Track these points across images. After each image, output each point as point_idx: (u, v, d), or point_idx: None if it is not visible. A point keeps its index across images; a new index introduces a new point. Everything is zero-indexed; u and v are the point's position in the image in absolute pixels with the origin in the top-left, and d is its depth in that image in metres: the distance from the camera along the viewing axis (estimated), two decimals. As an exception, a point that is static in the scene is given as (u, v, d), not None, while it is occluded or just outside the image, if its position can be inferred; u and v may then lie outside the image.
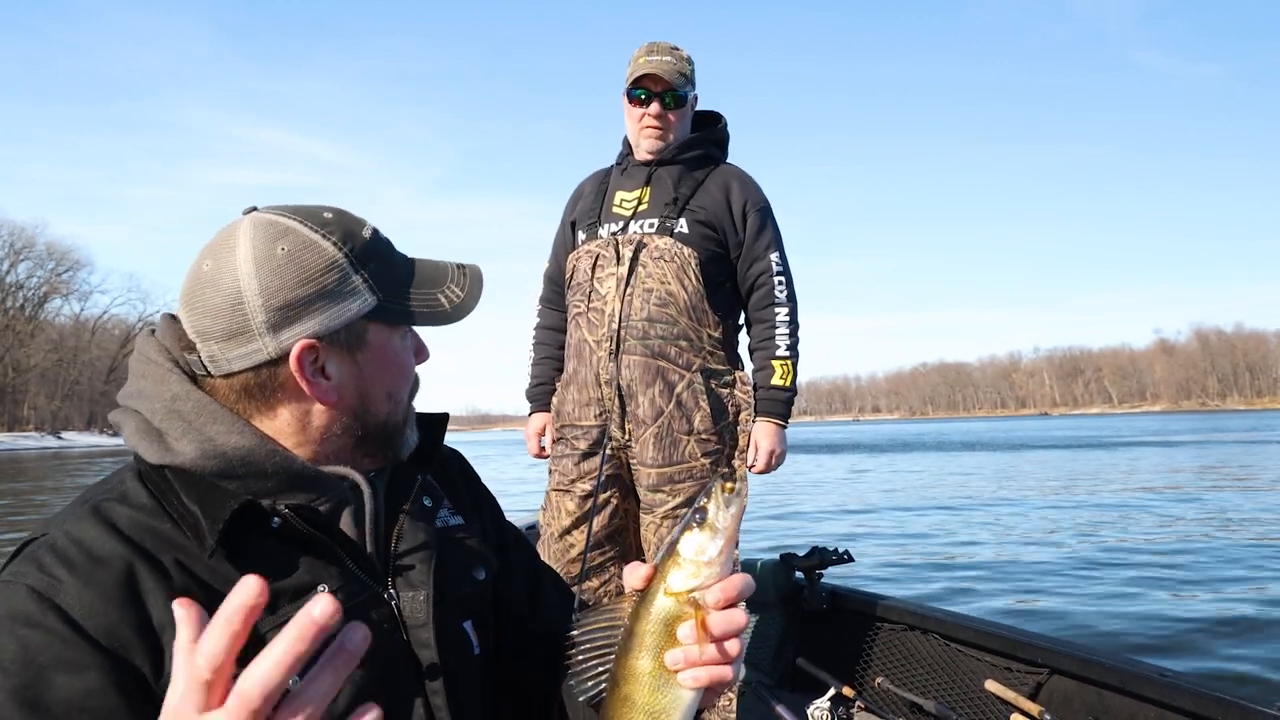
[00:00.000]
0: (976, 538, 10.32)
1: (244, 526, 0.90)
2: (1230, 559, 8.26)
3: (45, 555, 0.84)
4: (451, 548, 1.09)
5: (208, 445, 0.92)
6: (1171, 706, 2.13)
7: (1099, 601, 6.65)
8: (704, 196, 2.65)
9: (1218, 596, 6.72)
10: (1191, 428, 54.70)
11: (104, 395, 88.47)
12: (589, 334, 2.64)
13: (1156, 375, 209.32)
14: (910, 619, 2.99)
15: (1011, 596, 6.95)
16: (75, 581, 0.82)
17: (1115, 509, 12.64)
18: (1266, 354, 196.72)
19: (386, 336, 1.02)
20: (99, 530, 0.87)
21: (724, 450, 2.62)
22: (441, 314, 1.03)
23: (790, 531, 10.87)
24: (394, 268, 1.02)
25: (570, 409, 2.68)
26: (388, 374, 1.03)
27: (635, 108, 2.68)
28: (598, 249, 2.66)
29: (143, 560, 0.85)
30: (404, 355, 1.05)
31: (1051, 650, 2.51)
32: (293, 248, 0.94)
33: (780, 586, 3.38)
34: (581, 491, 2.63)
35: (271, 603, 0.81)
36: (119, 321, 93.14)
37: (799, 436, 60.07)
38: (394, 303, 1.00)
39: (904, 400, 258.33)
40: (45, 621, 0.79)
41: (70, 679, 0.78)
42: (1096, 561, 8.33)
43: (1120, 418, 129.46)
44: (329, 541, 0.95)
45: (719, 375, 2.64)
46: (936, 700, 2.77)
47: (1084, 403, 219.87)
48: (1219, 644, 5.37)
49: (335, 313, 0.95)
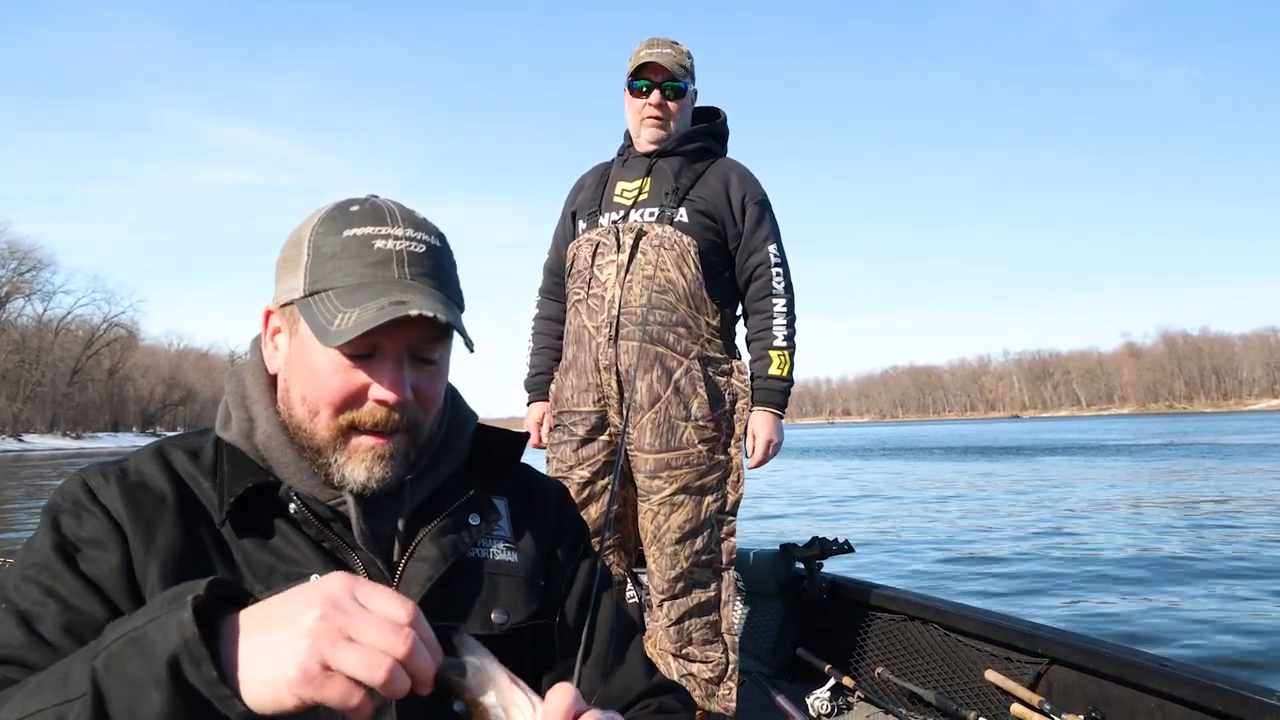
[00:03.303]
0: (981, 530, 10.43)
1: (260, 505, 0.98)
2: (1230, 555, 8.40)
3: (113, 468, 0.99)
4: (474, 581, 1.04)
5: (247, 425, 1.02)
6: (1172, 696, 2.14)
7: (1102, 594, 6.73)
8: (704, 187, 2.67)
9: (1220, 589, 6.82)
10: (1198, 428, 55.57)
11: (67, 397, 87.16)
12: (588, 320, 2.63)
13: (1124, 378, 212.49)
14: (910, 609, 3.00)
15: (1012, 585, 7.02)
16: (119, 490, 0.96)
17: (1115, 508, 12.82)
18: (1232, 357, 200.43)
19: (310, 335, 0.96)
20: (156, 466, 1.00)
21: (720, 437, 2.62)
22: (323, 331, 0.93)
23: (790, 522, 10.93)
24: (344, 265, 0.96)
25: (569, 395, 2.67)
26: (302, 373, 0.98)
27: (636, 98, 2.71)
28: (598, 237, 2.67)
29: (178, 502, 0.97)
30: (319, 362, 0.96)
31: (1051, 640, 2.52)
32: (305, 218, 1.02)
33: (780, 576, 3.38)
34: (579, 478, 2.61)
35: (267, 576, 0.96)
36: (83, 322, 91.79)
37: (803, 438, 60.35)
38: (312, 302, 0.95)
39: (874, 403, 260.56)
40: (89, 507, 0.94)
41: (95, 553, 0.92)
42: (1109, 559, 8.44)
43: (1090, 420, 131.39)
44: (337, 538, 0.98)
45: (716, 363, 2.64)
46: (936, 690, 2.78)
47: (1053, 405, 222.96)
48: (1218, 634, 5.45)
49: (284, 287, 1.00)
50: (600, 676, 1.10)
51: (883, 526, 11.08)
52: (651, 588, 2.64)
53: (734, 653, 2.63)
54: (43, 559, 0.90)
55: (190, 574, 0.90)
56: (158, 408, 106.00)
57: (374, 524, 1.01)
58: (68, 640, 0.85)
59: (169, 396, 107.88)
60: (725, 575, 2.61)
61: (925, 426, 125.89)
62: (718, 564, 2.60)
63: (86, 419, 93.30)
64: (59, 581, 0.89)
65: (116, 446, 75.88)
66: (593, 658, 1.11)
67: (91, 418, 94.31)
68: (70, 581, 0.89)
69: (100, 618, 0.87)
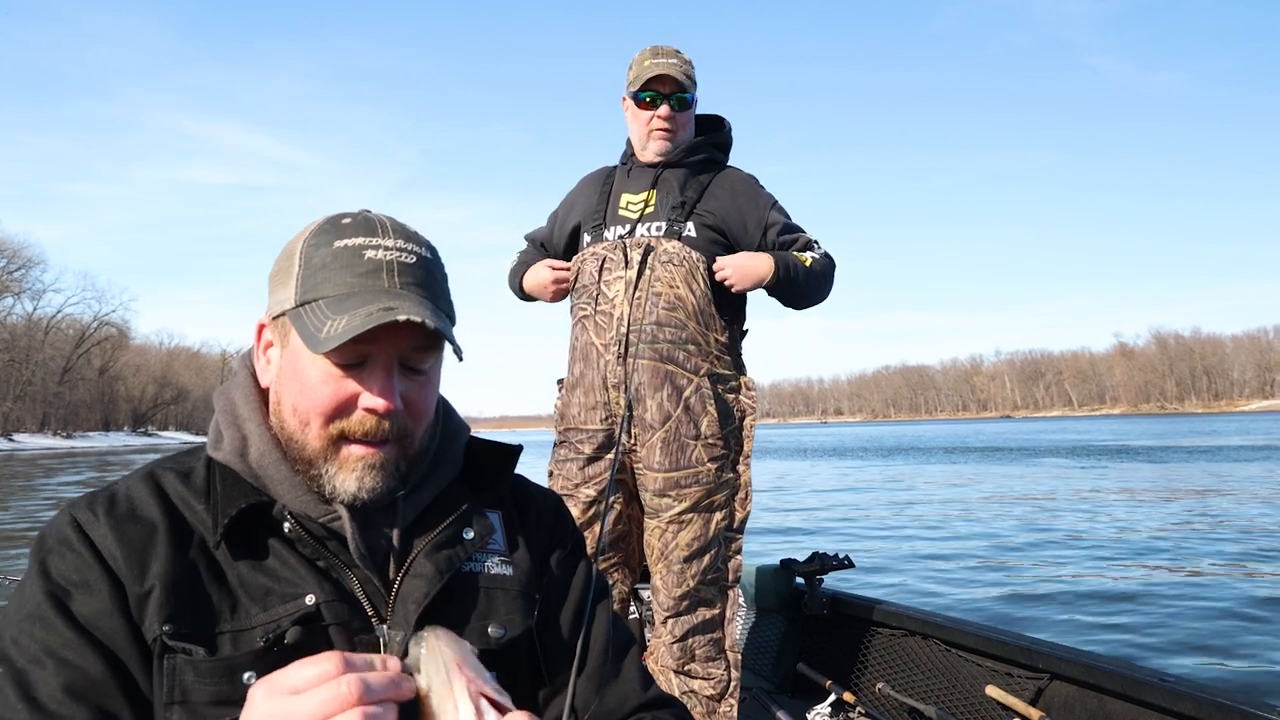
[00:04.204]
0: (980, 542, 10.41)
1: (255, 525, 0.98)
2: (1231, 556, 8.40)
3: (102, 498, 0.98)
4: (470, 596, 1.04)
5: (240, 444, 1.01)
6: (1173, 712, 2.14)
7: (1104, 606, 6.73)
8: (710, 200, 2.66)
9: (1219, 600, 6.83)
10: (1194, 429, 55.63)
11: (57, 397, 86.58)
12: (596, 337, 2.61)
13: (1116, 379, 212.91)
14: (911, 624, 3.00)
15: (1013, 601, 7.00)
16: (108, 525, 0.95)
17: (1114, 515, 12.83)
18: (1223, 358, 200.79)
19: (300, 345, 0.97)
20: (147, 491, 0.99)
21: (729, 455, 2.60)
22: (313, 338, 0.94)
23: (789, 537, 10.91)
24: (335, 275, 0.96)
25: (576, 412, 2.65)
26: (293, 384, 0.99)
27: (643, 110, 2.67)
28: (604, 252, 2.64)
29: (170, 529, 0.96)
30: (309, 372, 0.97)
31: (1052, 655, 2.52)
32: (298, 231, 1.03)
33: (781, 592, 3.38)
34: (586, 497, 2.60)
35: (264, 598, 0.96)
36: (73, 321, 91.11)
37: (801, 437, 60.02)
38: (303, 312, 0.96)
39: (867, 403, 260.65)
40: (76, 547, 0.93)
41: (86, 598, 0.91)
42: (1108, 563, 8.43)
43: (1082, 420, 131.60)
44: (333, 556, 0.98)
45: (725, 380, 2.63)
46: (937, 706, 2.78)
47: (1045, 405, 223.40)
48: (1222, 647, 5.46)
49: (277, 299, 1.00)
50: (594, 689, 1.09)
51: (882, 540, 11.07)
52: (655, 604, 2.63)
53: (736, 670, 2.62)
54: (35, 608, 0.90)
55: (186, 601, 0.93)
56: (149, 407, 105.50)
57: (369, 539, 1.01)
58: (69, 704, 0.87)
59: (160, 396, 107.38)
60: (730, 592, 2.61)
61: (918, 426, 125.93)
62: (724, 581, 2.59)
63: (77, 418, 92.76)
64: (52, 633, 0.89)
65: (108, 446, 75.57)
66: (588, 670, 1.09)
67: (82, 417, 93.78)
68: (64, 632, 0.89)
69: (96, 672, 0.88)
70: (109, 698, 0.88)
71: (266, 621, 0.93)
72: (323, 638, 0.95)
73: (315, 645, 0.93)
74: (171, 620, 0.91)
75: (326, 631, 0.95)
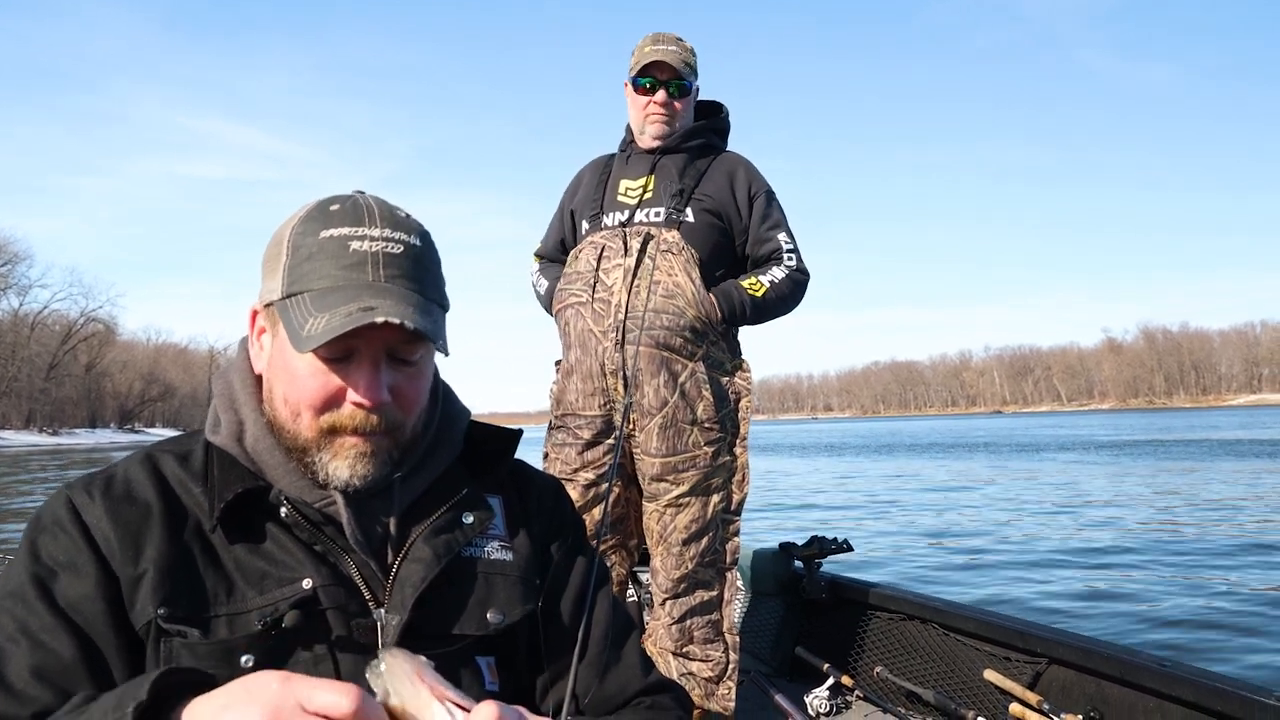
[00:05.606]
0: (981, 528, 10.46)
1: (251, 510, 0.97)
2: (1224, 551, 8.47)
3: (99, 479, 0.98)
4: (469, 581, 1.03)
5: (237, 428, 1.02)
6: (1170, 696, 2.14)
7: (1097, 591, 6.77)
8: (708, 184, 2.66)
9: (1217, 589, 6.87)
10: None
11: (43, 393, 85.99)
12: (594, 324, 2.61)
13: (1105, 374, 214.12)
14: (909, 608, 3.01)
15: (1014, 585, 7.03)
16: (103, 507, 0.95)
17: (1106, 504, 12.91)
18: (1211, 352, 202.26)
19: (287, 338, 0.96)
20: (144, 473, 0.99)
21: (726, 438, 2.61)
22: (296, 336, 0.93)
23: (789, 520, 10.94)
24: (320, 266, 0.95)
25: (573, 398, 2.65)
26: (283, 375, 0.98)
27: (641, 96, 2.69)
28: (603, 240, 2.65)
29: (165, 511, 0.96)
30: (296, 364, 0.96)
31: (1050, 640, 2.52)
32: (289, 216, 1.02)
33: (779, 575, 3.38)
34: (584, 481, 2.60)
35: (260, 582, 0.95)
36: (60, 317, 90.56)
37: (788, 434, 60.28)
38: (288, 305, 0.95)
39: (856, 399, 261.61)
40: (68, 528, 0.93)
41: (72, 580, 0.91)
42: (1098, 549, 8.47)
43: (1070, 415, 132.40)
44: (330, 541, 0.98)
45: (721, 364, 2.64)
46: (935, 690, 2.78)
47: (1034, 401, 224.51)
48: (1220, 635, 5.49)
49: (267, 287, 0.99)
50: (595, 675, 1.09)
51: (880, 524, 11.12)
52: (654, 586, 2.63)
53: (735, 652, 2.63)
54: (17, 587, 0.91)
55: (181, 584, 0.92)
56: (136, 403, 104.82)
57: (365, 525, 1.00)
58: (35, 685, 0.86)
59: (147, 392, 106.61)
60: (728, 575, 2.61)
61: (907, 422, 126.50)
62: (722, 563, 2.60)
63: (64, 415, 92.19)
64: (31, 614, 0.89)
65: (94, 443, 75.07)
66: (589, 656, 1.09)
67: (69, 413, 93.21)
68: (42, 614, 0.89)
69: (68, 656, 0.88)
70: (77, 682, 0.87)
71: (263, 605, 0.93)
72: (320, 622, 0.95)
73: (313, 629, 0.94)
74: (166, 603, 0.91)
75: (324, 615, 0.95)
